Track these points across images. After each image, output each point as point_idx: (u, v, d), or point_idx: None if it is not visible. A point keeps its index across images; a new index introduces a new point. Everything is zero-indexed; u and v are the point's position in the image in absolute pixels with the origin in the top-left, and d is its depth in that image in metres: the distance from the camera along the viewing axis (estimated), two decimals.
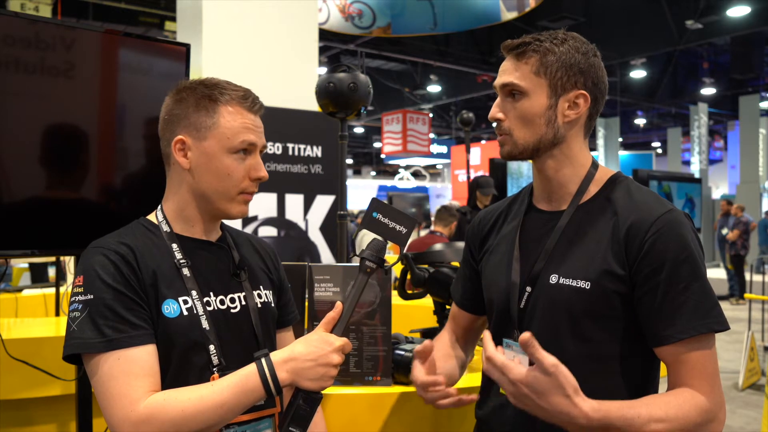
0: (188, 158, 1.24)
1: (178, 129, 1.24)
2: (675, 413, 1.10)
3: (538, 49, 1.24)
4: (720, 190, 23.51)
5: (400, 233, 1.27)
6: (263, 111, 1.30)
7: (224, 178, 1.23)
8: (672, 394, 1.14)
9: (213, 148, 1.22)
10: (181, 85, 1.27)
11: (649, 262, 1.16)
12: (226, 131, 1.22)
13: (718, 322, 1.15)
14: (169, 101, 1.27)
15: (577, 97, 1.25)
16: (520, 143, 1.27)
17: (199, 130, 1.23)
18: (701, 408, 1.12)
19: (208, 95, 1.23)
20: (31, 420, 2.00)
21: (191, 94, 1.24)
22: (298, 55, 4.82)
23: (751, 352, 5.79)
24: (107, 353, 1.10)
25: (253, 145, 1.25)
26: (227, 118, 1.23)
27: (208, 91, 1.24)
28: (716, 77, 17.85)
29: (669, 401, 1.12)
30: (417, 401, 1.71)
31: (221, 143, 1.22)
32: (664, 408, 1.10)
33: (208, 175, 1.23)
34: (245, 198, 1.27)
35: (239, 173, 1.24)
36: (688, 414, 1.10)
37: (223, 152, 1.23)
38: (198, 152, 1.23)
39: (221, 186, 1.24)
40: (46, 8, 8.17)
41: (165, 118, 1.27)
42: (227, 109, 1.23)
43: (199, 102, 1.23)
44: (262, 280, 1.37)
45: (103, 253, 1.17)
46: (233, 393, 1.11)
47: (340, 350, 1.16)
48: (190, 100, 1.24)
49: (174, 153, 1.24)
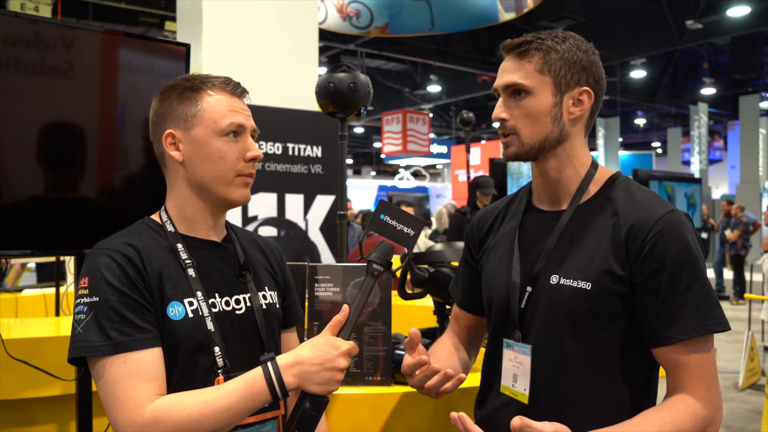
0: (180, 150, 1.24)
1: (165, 125, 1.25)
2: (670, 429, 1.10)
3: (540, 47, 1.24)
4: (720, 190, 23.50)
5: (407, 235, 1.27)
6: (247, 95, 1.30)
7: (217, 161, 1.23)
8: (666, 408, 1.14)
9: (201, 134, 1.23)
10: (163, 86, 1.29)
11: (650, 263, 1.16)
12: (211, 115, 1.23)
13: (719, 323, 1.15)
14: (155, 104, 1.29)
15: (581, 94, 1.25)
16: (526, 142, 1.26)
17: (186, 120, 1.24)
18: (697, 417, 1.12)
19: (189, 86, 1.25)
20: (31, 420, 1.99)
21: (173, 90, 1.26)
22: (298, 55, 4.82)
23: (751, 352, 5.78)
24: (113, 356, 1.10)
25: (241, 126, 1.25)
26: (211, 103, 1.24)
27: (189, 82, 1.26)
28: (716, 77, 17.85)
29: (663, 417, 1.12)
30: (417, 401, 1.71)
31: (209, 128, 1.23)
32: (658, 425, 1.10)
33: (202, 163, 1.23)
34: (244, 180, 1.26)
35: (232, 155, 1.24)
36: (683, 427, 1.11)
37: (213, 136, 1.23)
38: (188, 142, 1.24)
39: (216, 170, 1.23)
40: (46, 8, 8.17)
41: (153, 120, 1.28)
42: (210, 95, 1.25)
43: (182, 94, 1.25)
44: (267, 281, 1.37)
45: (108, 254, 1.16)
46: (239, 397, 1.10)
47: (346, 354, 1.15)
48: (173, 96, 1.25)
49: (166, 149, 1.25)
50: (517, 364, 1.27)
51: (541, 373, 1.23)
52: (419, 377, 1.26)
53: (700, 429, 1.12)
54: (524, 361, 1.25)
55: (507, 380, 1.29)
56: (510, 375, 1.28)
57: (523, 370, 1.25)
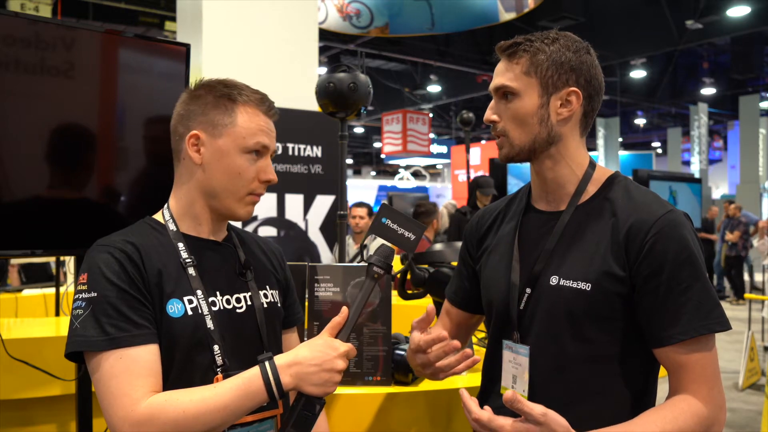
0: (201, 154, 1.25)
1: (193, 124, 1.25)
2: (672, 428, 1.10)
3: (528, 48, 1.24)
4: (720, 190, 23.51)
5: (408, 239, 1.27)
6: (277, 117, 1.31)
7: (235, 177, 1.24)
8: (668, 408, 1.14)
9: (227, 146, 1.24)
10: (199, 83, 1.29)
11: (650, 263, 1.16)
12: (242, 131, 1.24)
13: (719, 322, 1.15)
14: (186, 97, 1.28)
15: (569, 95, 1.24)
16: (516, 144, 1.27)
17: (215, 127, 1.24)
18: (699, 416, 1.12)
19: (227, 94, 1.25)
20: (31, 420, 1.99)
21: (210, 91, 1.26)
22: (298, 55, 4.82)
23: (751, 352, 5.79)
24: (109, 351, 1.10)
25: (265, 147, 1.27)
26: (245, 118, 1.25)
27: (228, 90, 1.26)
28: (716, 77, 17.85)
29: (665, 416, 1.11)
30: (417, 401, 1.71)
31: (236, 142, 1.24)
32: (660, 424, 1.10)
33: (219, 173, 1.24)
34: (253, 199, 1.28)
35: (249, 174, 1.25)
36: (685, 426, 1.10)
37: (237, 151, 1.24)
38: (212, 149, 1.24)
39: (231, 185, 1.25)
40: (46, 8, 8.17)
41: (180, 113, 1.28)
42: (245, 110, 1.25)
43: (218, 100, 1.25)
44: (269, 280, 1.37)
45: (108, 251, 1.17)
46: (236, 395, 1.11)
47: (344, 356, 1.15)
48: (209, 98, 1.25)
49: (187, 147, 1.25)
50: (516, 366, 1.27)
51: (540, 374, 1.23)
52: (436, 353, 1.26)
53: (703, 428, 1.12)
54: (523, 362, 1.25)
55: (506, 381, 1.29)
56: (509, 376, 1.28)
57: (521, 372, 1.25)
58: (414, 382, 1.73)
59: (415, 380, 1.74)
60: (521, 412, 1.06)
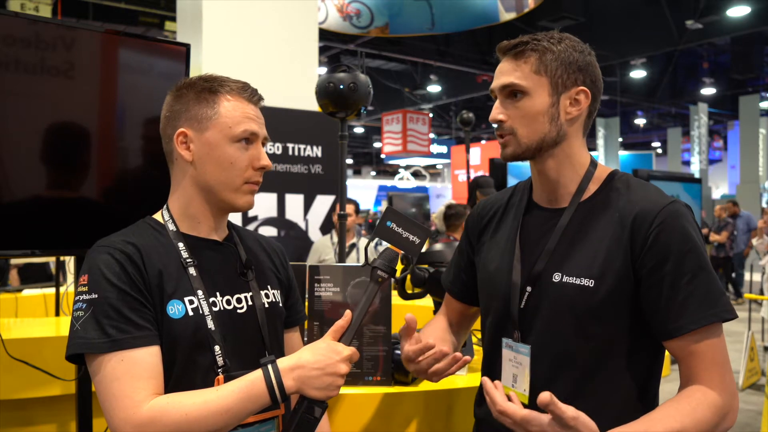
0: (191, 150, 1.24)
1: (179, 123, 1.25)
2: (690, 420, 1.10)
3: (536, 48, 1.24)
4: (720, 190, 23.52)
5: (413, 243, 1.27)
6: (263, 102, 1.31)
7: (227, 167, 1.24)
8: (684, 400, 1.14)
9: (215, 137, 1.23)
10: (180, 83, 1.29)
11: (653, 256, 1.16)
12: (227, 120, 1.23)
13: (726, 310, 1.15)
14: (169, 99, 1.28)
15: (578, 94, 1.25)
16: (524, 142, 1.26)
17: (200, 121, 1.24)
18: (715, 406, 1.12)
19: (207, 88, 1.25)
20: (31, 420, 1.99)
21: (191, 88, 1.26)
22: (298, 55, 4.82)
23: (751, 352, 5.78)
24: (110, 354, 1.10)
25: (254, 134, 1.26)
26: (228, 108, 1.24)
27: (208, 84, 1.26)
28: (716, 77, 17.86)
29: (682, 409, 1.11)
30: (417, 401, 1.71)
31: (223, 132, 1.23)
32: (678, 418, 1.10)
33: (211, 166, 1.24)
34: (250, 188, 1.27)
35: (242, 162, 1.25)
36: (702, 418, 1.10)
37: (225, 141, 1.23)
38: (200, 143, 1.24)
39: (225, 176, 1.24)
40: (46, 8, 8.17)
41: (166, 116, 1.28)
42: (227, 99, 1.25)
43: (199, 95, 1.25)
44: (270, 280, 1.36)
45: (108, 252, 1.16)
46: (238, 398, 1.10)
47: (347, 360, 1.15)
48: (190, 95, 1.25)
49: (176, 147, 1.25)
50: (517, 365, 1.27)
51: (541, 373, 1.23)
52: (427, 362, 1.26)
53: (719, 418, 1.12)
54: (523, 361, 1.25)
55: (507, 381, 1.29)
56: (510, 375, 1.28)
57: (522, 371, 1.25)
58: (414, 382, 1.74)
59: (415, 380, 1.74)
60: (553, 414, 1.05)
